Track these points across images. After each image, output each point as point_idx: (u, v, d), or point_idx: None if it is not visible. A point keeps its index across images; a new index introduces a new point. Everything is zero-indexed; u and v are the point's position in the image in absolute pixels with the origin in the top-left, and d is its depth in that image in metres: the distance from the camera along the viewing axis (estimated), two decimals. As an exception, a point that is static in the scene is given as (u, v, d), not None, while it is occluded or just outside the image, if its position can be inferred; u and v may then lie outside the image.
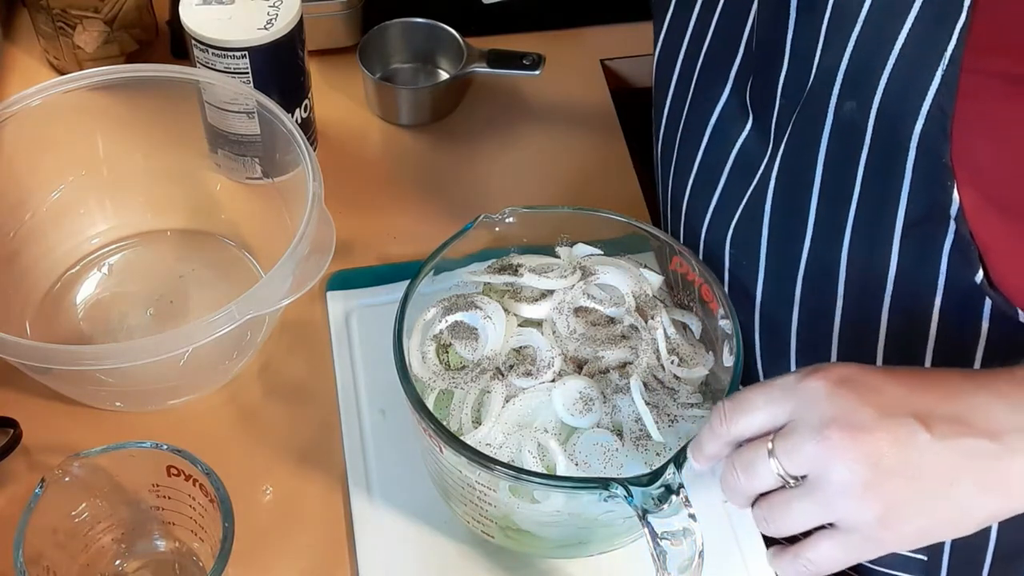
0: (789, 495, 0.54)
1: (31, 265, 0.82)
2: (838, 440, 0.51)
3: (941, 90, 0.58)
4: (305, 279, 0.70)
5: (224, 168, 0.88)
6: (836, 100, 0.63)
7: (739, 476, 0.55)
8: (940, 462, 0.51)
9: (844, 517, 0.53)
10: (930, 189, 0.61)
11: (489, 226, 0.72)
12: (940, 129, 0.59)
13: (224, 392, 0.79)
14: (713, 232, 0.77)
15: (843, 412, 0.52)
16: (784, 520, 0.54)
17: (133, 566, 0.69)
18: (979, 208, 0.61)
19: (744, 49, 0.72)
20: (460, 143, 0.98)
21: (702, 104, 0.76)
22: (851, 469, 0.51)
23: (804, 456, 0.52)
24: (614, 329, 0.69)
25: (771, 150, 0.70)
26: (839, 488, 0.52)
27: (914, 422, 0.52)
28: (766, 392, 0.55)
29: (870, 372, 0.54)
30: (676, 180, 0.80)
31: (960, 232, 0.62)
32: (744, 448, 0.55)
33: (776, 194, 0.70)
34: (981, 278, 0.63)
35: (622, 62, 1.08)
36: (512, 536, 0.67)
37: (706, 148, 0.76)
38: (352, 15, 1.01)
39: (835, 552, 0.54)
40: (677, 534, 0.57)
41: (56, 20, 0.95)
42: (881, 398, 0.52)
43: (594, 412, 0.65)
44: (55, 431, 0.75)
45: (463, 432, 0.65)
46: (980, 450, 0.51)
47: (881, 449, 0.51)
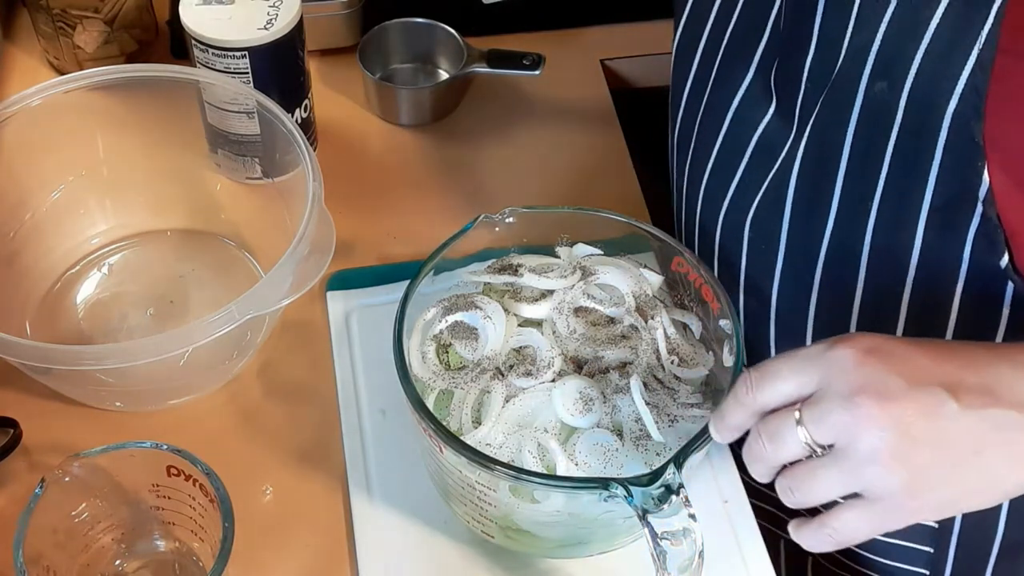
0: (815, 464, 0.54)
1: (31, 265, 0.82)
2: (867, 408, 0.51)
3: (976, 70, 0.58)
4: (305, 279, 0.70)
5: (224, 168, 0.88)
6: (867, 81, 0.63)
7: (765, 445, 0.55)
8: (968, 432, 0.52)
9: (870, 485, 0.53)
10: (960, 170, 0.61)
11: (489, 226, 0.72)
12: (973, 109, 0.59)
13: (224, 392, 0.79)
14: (732, 215, 0.76)
15: (872, 380, 0.52)
16: (810, 489, 0.54)
17: (133, 566, 0.69)
18: (1008, 191, 0.61)
19: (770, 33, 0.71)
20: (460, 143, 0.98)
21: (724, 88, 0.75)
22: (880, 437, 0.51)
23: (832, 424, 0.52)
24: (614, 329, 0.69)
25: (795, 133, 0.70)
26: (867, 456, 0.52)
27: (942, 391, 0.52)
28: (793, 361, 0.55)
29: (897, 342, 0.54)
30: (693, 164, 0.80)
31: (987, 215, 0.62)
32: (771, 416, 0.55)
33: (800, 177, 0.70)
34: (1006, 263, 0.63)
35: (622, 62, 1.08)
36: (512, 536, 0.67)
37: (727, 132, 0.76)
38: (352, 15, 1.01)
39: (860, 521, 0.54)
40: (677, 534, 0.57)
41: (56, 20, 0.95)
42: (909, 367, 0.53)
43: (594, 412, 0.65)
44: (55, 431, 0.75)
45: (463, 432, 0.65)
46: (1008, 421, 0.52)
47: (910, 418, 0.51)
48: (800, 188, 0.70)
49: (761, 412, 0.56)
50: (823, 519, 0.55)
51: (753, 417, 0.56)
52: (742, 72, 0.74)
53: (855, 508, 0.54)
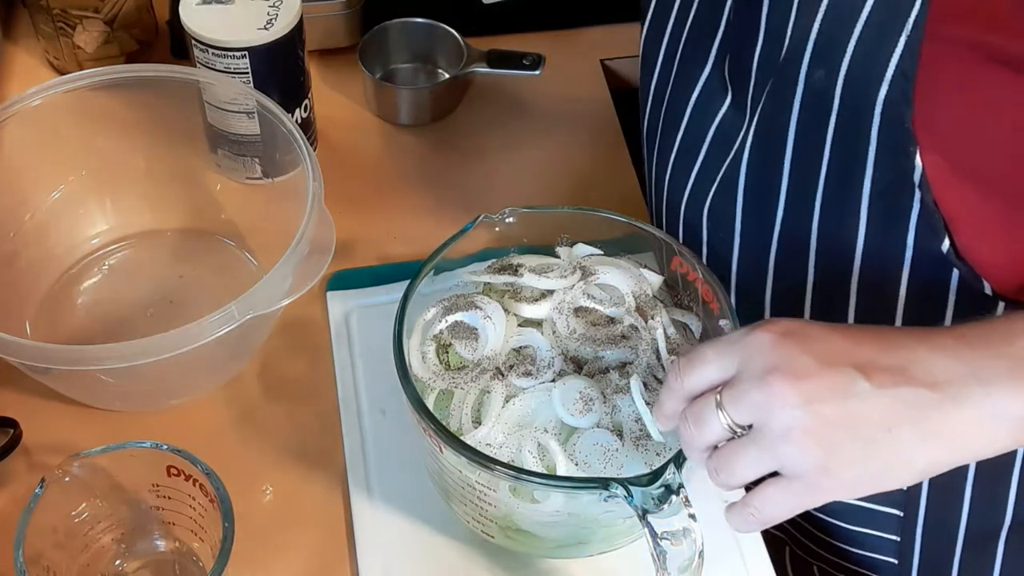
0: (736, 444, 0.55)
1: (31, 265, 0.82)
2: (779, 387, 0.52)
3: (904, 55, 0.59)
4: (305, 279, 0.70)
5: (224, 168, 0.88)
6: (806, 69, 0.64)
7: (691, 428, 0.56)
8: (879, 410, 0.52)
9: (786, 463, 0.53)
10: (895, 156, 0.62)
11: (489, 226, 0.72)
12: (903, 95, 0.60)
13: (224, 392, 0.79)
14: (692, 206, 0.78)
15: (785, 360, 0.53)
16: (732, 469, 0.55)
17: (133, 566, 0.69)
18: (943, 176, 0.62)
19: (724, 26, 0.73)
20: (460, 143, 0.98)
21: (684, 80, 0.77)
22: (791, 415, 0.52)
23: (748, 403, 0.54)
24: (614, 329, 0.69)
25: (746, 124, 0.71)
26: (780, 433, 0.53)
27: (854, 371, 0.53)
28: (715, 346, 0.56)
29: (814, 325, 0.55)
30: (659, 157, 0.81)
31: (925, 201, 0.63)
32: (695, 401, 0.57)
33: (749, 166, 0.72)
34: (947, 247, 0.64)
35: (622, 62, 1.08)
36: (512, 536, 0.67)
37: (687, 124, 0.77)
38: (352, 15, 1.01)
39: (779, 498, 0.55)
40: (677, 534, 0.57)
41: (56, 20, 0.95)
42: (823, 348, 0.53)
43: (594, 412, 0.65)
44: (55, 431, 0.75)
45: (463, 432, 0.65)
46: (920, 399, 0.52)
47: (821, 395, 0.52)
48: (750, 177, 0.72)
49: (689, 397, 0.57)
50: (746, 499, 0.56)
51: (683, 403, 0.57)
52: (700, 65, 0.75)
53: (775, 486, 0.55)
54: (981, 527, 0.73)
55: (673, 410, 0.58)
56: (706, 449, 0.56)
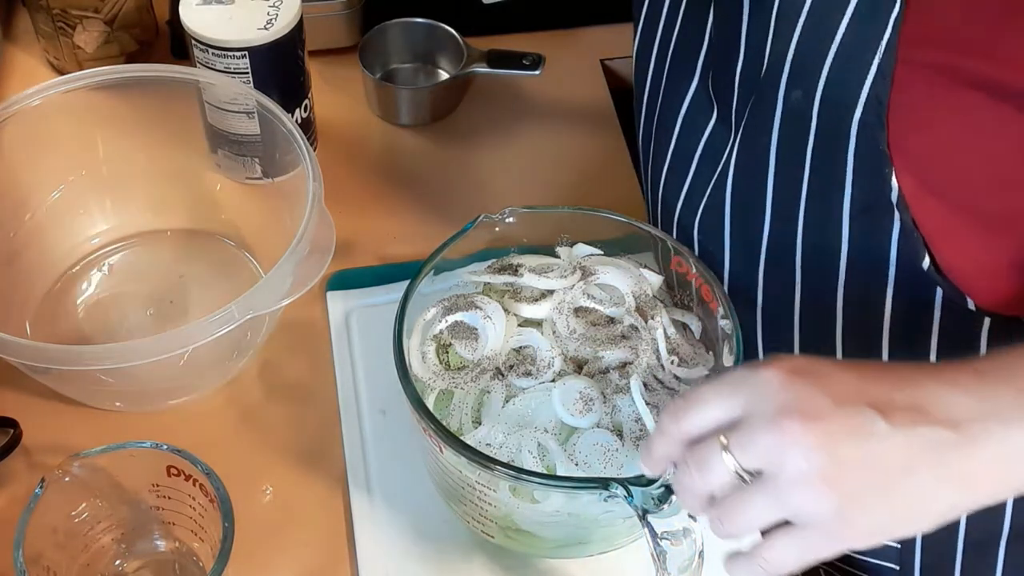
0: (744, 492, 0.52)
1: (31, 265, 0.82)
2: (793, 429, 0.50)
3: (877, 79, 0.59)
4: (305, 279, 0.70)
5: (224, 168, 0.88)
6: (784, 89, 0.64)
7: (693, 474, 0.53)
8: (898, 451, 0.50)
9: (800, 511, 0.51)
10: (871, 176, 0.62)
11: (489, 226, 0.72)
12: (877, 117, 0.60)
13: (224, 392, 0.79)
14: (683, 220, 0.78)
15: (798, 401, 0.50)
16: (738, 518, 0.52)
17: (133, 566, 0.69)
18: (919, 195, 0.62)
19: (708, 42, 0.73)
20: (460, 143, 0.98)
21: (673, 96, 0.77)
22: (807, 458, 0.49)
23: (759, 447, 0.51)
24: (614, 329, 0.69)
25: (732, 139, 0.71)
26: (795, 479, 0.50)
27: (871, 411, 0.50)
28: (717, 386, 0.54)
29: (824, 362, 0.53)
30: (653, 171, 0.81)
31: (904, 219, 0.62)
32: (697, 445, 0.53)
33: (735, 182, 0.72)
34: (928, 265, 0.64)
35: (622, 62, 1.08)
36: (512, 536, 0.67)
37: (677, 139, 0.77)
38: (352, 15, 1.01)
39: (792, 550, 0.52)
40: (677, 534, 0.57)
41: (56, 20, 0.95)
42: (837, 386, 0.51)
43: (594, 412, 0.65)
44: (55, 431, 0.75)
45: (463, 432, 0.65)
46: (939, 439, 0.50)
47: (838, 438, 0.50)
48: (736, 192, 0.72)
49: (687, 441, 0.54)
50: (755, 550, 0.53)
51: (680, 447, 0.54)
52: (688, 79, 0.75)
53: (787, 535, 0.52)
54: (980, 535, 0.72)
55: (664, 454, 0.55)
56: (708, 496, 0.54)
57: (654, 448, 0.56)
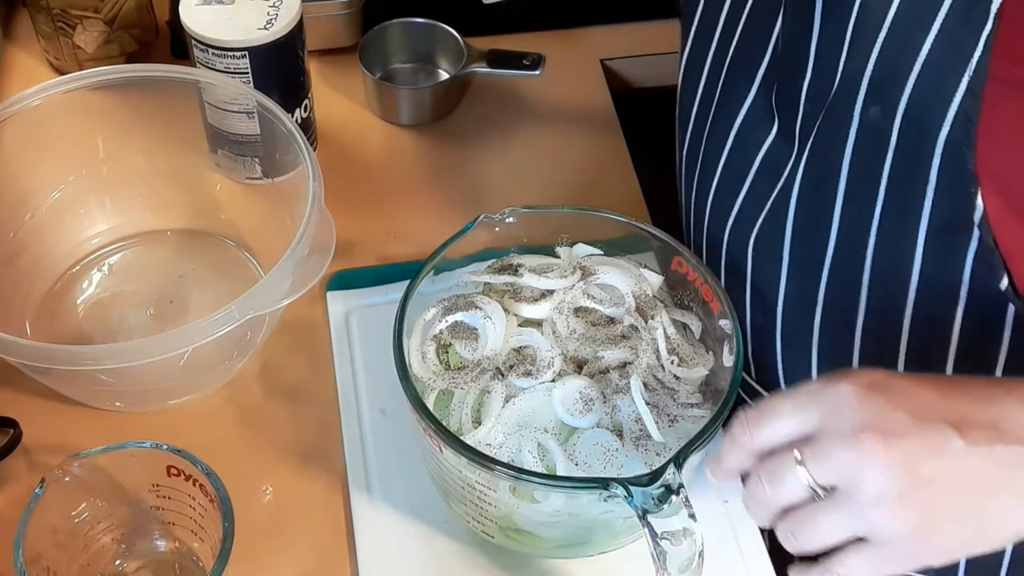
0: (817, 506, 0.52)
1: (31, 265, 0.82)
2: (871, 446, 0.49)
3: (967, 97, 0.57)
4: (305, 279, 0.70)
5: (224, 168, 0.88)
6: (861, 106, 0.62)
7: (765, 487, 0.53)
8: (975, 470, 0.49)
9: (877, 529, 0.50)
10: (954, 195, 0.61)
11: (489, 226, 0.72)
12: (965, 135, 0.58)
13: (224, 392, 0.79)
14: (736, 235, 0.76)
15: (875, 417, 0.50)
16: (812, 533, 0.52)
17: (133, 566, 0.69)
18: (1003, 215, 0.60)
19: (771, 53, 0.71)
20: (460, 143, 0.98)
21: (728, 107, 0.75)
22: (886, 476, 0.49)
23: (835, 463, 0.50)
24: (614, 329, 0.69)
25: (795, 155, 0.69)
26: (872, 497, 0.49)
27: (949, 428, 0.50)
28: (792, 399, 0.53)
29: (899, 377, 0.52)
30: (700, 184, 0.79)
31: (984, 239, 0.61)
32: (770, 457, 0.53)
33: (800, 198, 0.69)
34: (1006, 285, 0.62)
35: (622, 62, 1.08)
36: (512, 536, 0.67)
37: (730, 151, 0.75)
38: (352, 15, 1.01)
39: (865, 566, 0.51)
40: (677, 534, 0.57)
41: (56, 20, 0.95)
42: (913, 403, 0.51)
43: (594, 412, 0.65)
44: (55, 431, 0.75)
45: (463, 432, 0.65)
46: (1015, 458, 0.49)
47: (917, 456, 0.49)
48: (800, 208, 0.70)
49: (759, 453, 0.54)
50: (827, 565, 0.53)
51: (751, 458, 0.54)
52: (745, 92, 0.73)
53: (860, 553, 0.52)
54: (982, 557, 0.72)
55: (736, 465, 0.55)
56: (780, 510, 0.53)
57: (725, 458, 0.55)
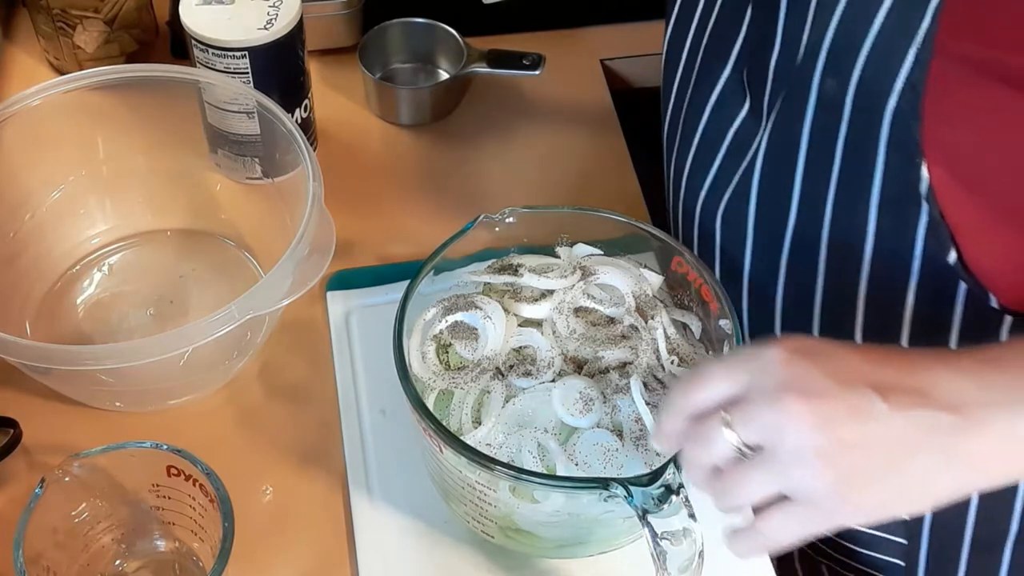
0: (744, 465, 0.53)
1: (31, 265, 0.82)
2: (793, 406, 0.51)
3: (914, 68, 0.59)
4: (305, 279, 0.70)
5: (224, 168, 0.88)
6: (819, 77, 0.64)
7: (697, 448, 0.55)
8: (897, 433, 0.50)
9: (798, 486, 0.52)
10: (902, 167, 0.62)
11: (489, 226, 0.72)
12: (912, 107, 0.60)
13: (224, 392, 0.79)
14: (707, 209, 0.78)
15: (799, 379, 0.51)
16: (738, 491, 0.53)
17: (133, 566, 0.69)
18: (949, 189, 0.61)
19: (746, 30, 0.73)
20: (460, 143, 0.98)
21: (704, 84, 0.77)
22: (805, 435, 0.50)
23: (759, 423, 0.52)
24: (614, 329, 0.69)
25: (762, 129, 0.71)
26: (793, 455, 0.51)
27: (871, 392, 0.51)
28: (723, 363, 0.55)
29: (829, 343, 0.54)
30: (678, 159, 0.81)
31: (932, 212, 0.62)
32: (700, 419, 0.55)
33: (763, 172, 0.71)
34: (954, 259, 0.63)
35: (622, 62, 1.08)
36: (512, 536, 0.67)
37: (705, 127, 0.77)
38: (352, 15, 1.01)
39: (789, 523, 0.53)
40: (677, 534, 0.57)
41: (56, 20, 0.95)
42: (838, 367, 0.52)
43: (594, 412, 0.65)
44: (55, 431, 0.75)
45: (463, 432, 0.65)
46: (939, 423, 0.50)
47: (837, 416, 0.50)
48: (764, 182, 0.72)
49: (694, 416, 0.55)
50: (754, 523, 0.54)
51: (687, 421, 0.56)
52: (720, 69, 0.75)
53: (782, 511, 0.53)
54: (987, 534, 0.72)
55: (674, 429, 0.56)
56: (710, 470, 0.55)
57: (664, 423, 0.57)
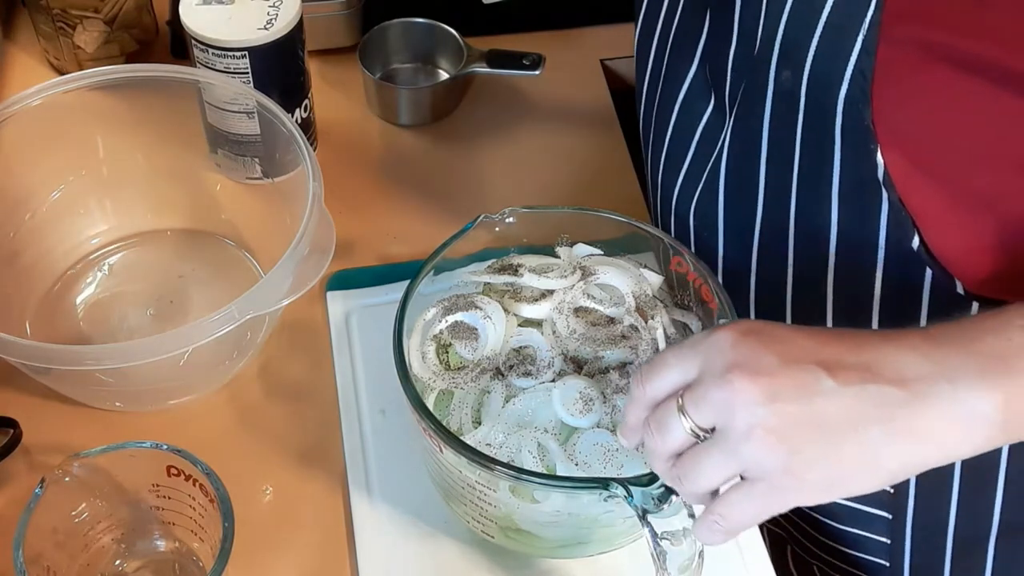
0: (699, 447, 0.53)
1: (31, 265, 0.82)
2: (740, 384, 0.51)
3: (862, 55, 0.59)
4: (305, 279, 0.70)
5: (224, 168, 0.88)
6: (775, 70, 0.65)
7: (655, 436, 0.55)
8: (844, 408, 0.51)
9: (750, 464, 0.52)
10: (858, 154, 0.63)
11: (489, 226, 0.72)
12: (862, 92, 0.60)
13: (224, 392, 0.79)
14: (680, 205, 0.79)
15: (746, 358, 0.52)
16: (694, 474, 0.54)
17: (133, 566, 0.69)
18: (907, 173, 0.62)
19: (707, 28, 0.74)
20: (460, 143, 0.98)
21: (672, 82, 0.78)
22: (753, 413, 0.51)
23: (709, 404, 0.52)
24: (614, 329, 0.69)
25: (726, 124, 0.72)
26: (743, 433, 0.51)
27: (818, 369, 0.51)
28: (676, 350, 0.55)
29: (777, 325, 0.54)
30: (653, 156, 0.82)
31: (891, 198, 0.63)
32: (657, 407, 0.55)
33: (729, 166, 0.72)
34: (918, 245, 0.64)
35: (622, 62, 1.08)
36: (512, 536, 0.67)
37: (675, 125, 0.78)
38: (352, 15, 1.01)
39: (744, 503, 0.53)
40: (677, 534, 0.57)
41: (56, 20, 0.95)
42: (786, 347, 0.52)
43: (594, 412, 0.65)
44: (55, 431, 0.75)
45: (463, 432, 0.65)
46: (886, 397, 0.51)
47: (784, 393, 0.51)
48: (730, 177, 0.72)
49: (652, 405, 0.56)
50: (710, 507, 0.55)
51: (647, 411, 0.56)
52: (686, 67, 0.76)
53: (738, 491, 0.53)
54: (969, 531, 0.73)
55: (637, 420, 0.57)
56: (670, 457, 0.55)
57: (626, 415, 0.58)
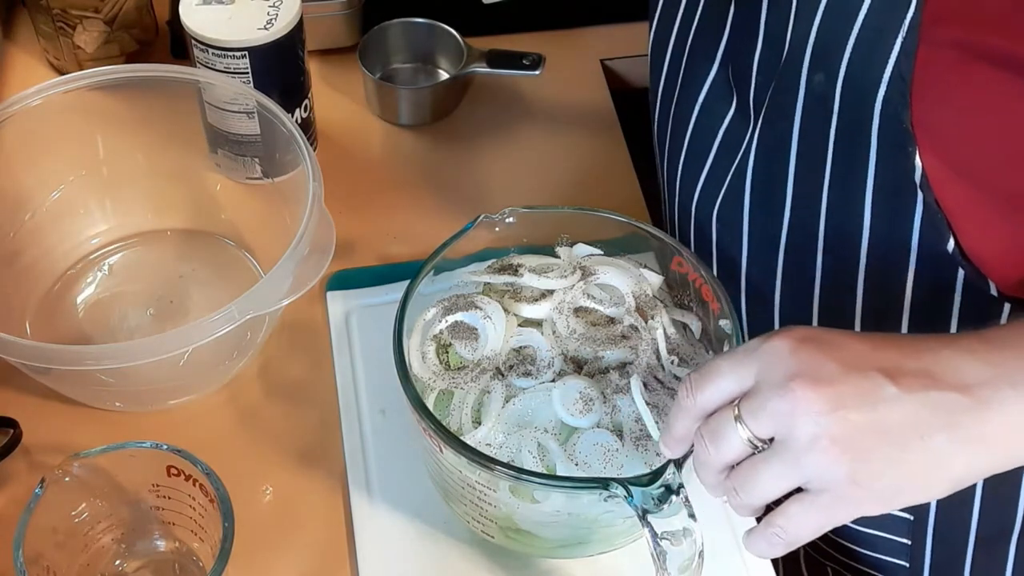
0: (757, 459, 0.52)
1: (31, 265, 0.82)
2: (802, 394, 0.50)
3: (901, 58, 0.59)
4: (305, 279, 0.70)
5: (224, 168, 0.88)
6: (807, 73, 0.64)
7: (708, 447, 0.53)
8: (908, 415, 0.50)
9: (813, 476, 0.51)
10: (895, 157, 0.62)
11: (489, 226, 0.72)
12: (900, 96, 0.60)
13: (224, 392, 0.79)
14: (701, 210, 0.78)
15: (807, 367, 0.51)
16: (753, 487, 0.52)
17: (133, 566, 0.69)
18: (944, 176, 0.61)
19: (729, 30, 0.73)
20: (460, 143, 0.98)
21: (691, 86, 0.77)
22: (817, 423, 0.50)
23: (769, 414, 0.51)
24: (614, 329, 0.69)
25: (751, 127, 0.71)
26: (806, 443, 0.50)
27: (880, 376, 0.50)
28: (730, 358, 0.54)
29: (833, 332, 0.53)
30: (670, 160, 0.81)
31: (927, 200, 0.62)
32: (711, 417, 0.54)
33: (756, 169, 0.72)
34: (952, 247, 0.63)
35: (622, 62, 1.08)
36: (512, 536, 0.67)
37: (694, 127, 0.77)
38: (352, 15, 1.01)
39: (807, 515, 0.52)
40: (677, 534, 0.57)
41: (56, 20, 0.95)
42: (845, 353, 0.51)
43: (594, 412, 0.65)
44: (55, 431, 0.75)
45: (463, 432, 0.65)
46: (950, 403, 0.50)
47: (847, 401, 0.50)
48: (756, 181, 0.72)
49: (703, 415, 0.55)
50: (769, 519, 0.53)
51: (697, 422, 0.55)
52: (706, 68, 0.75)
53: (800, 502, 0.52)
54: (991, 530, 0.72)
55: (686, 431, 0.55)
56: (724, 469, 0.54)
57: (673, 425, 0.56)
